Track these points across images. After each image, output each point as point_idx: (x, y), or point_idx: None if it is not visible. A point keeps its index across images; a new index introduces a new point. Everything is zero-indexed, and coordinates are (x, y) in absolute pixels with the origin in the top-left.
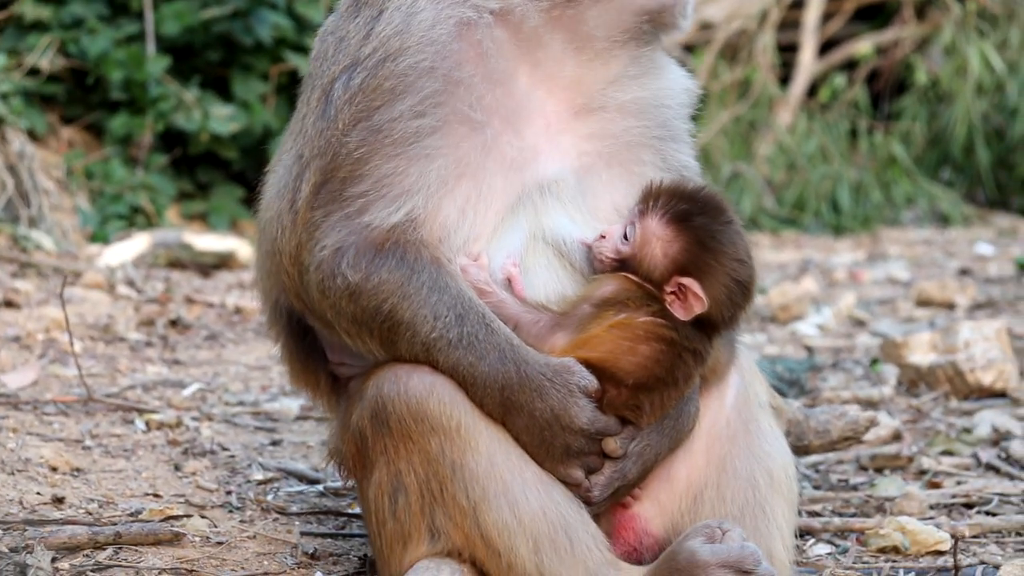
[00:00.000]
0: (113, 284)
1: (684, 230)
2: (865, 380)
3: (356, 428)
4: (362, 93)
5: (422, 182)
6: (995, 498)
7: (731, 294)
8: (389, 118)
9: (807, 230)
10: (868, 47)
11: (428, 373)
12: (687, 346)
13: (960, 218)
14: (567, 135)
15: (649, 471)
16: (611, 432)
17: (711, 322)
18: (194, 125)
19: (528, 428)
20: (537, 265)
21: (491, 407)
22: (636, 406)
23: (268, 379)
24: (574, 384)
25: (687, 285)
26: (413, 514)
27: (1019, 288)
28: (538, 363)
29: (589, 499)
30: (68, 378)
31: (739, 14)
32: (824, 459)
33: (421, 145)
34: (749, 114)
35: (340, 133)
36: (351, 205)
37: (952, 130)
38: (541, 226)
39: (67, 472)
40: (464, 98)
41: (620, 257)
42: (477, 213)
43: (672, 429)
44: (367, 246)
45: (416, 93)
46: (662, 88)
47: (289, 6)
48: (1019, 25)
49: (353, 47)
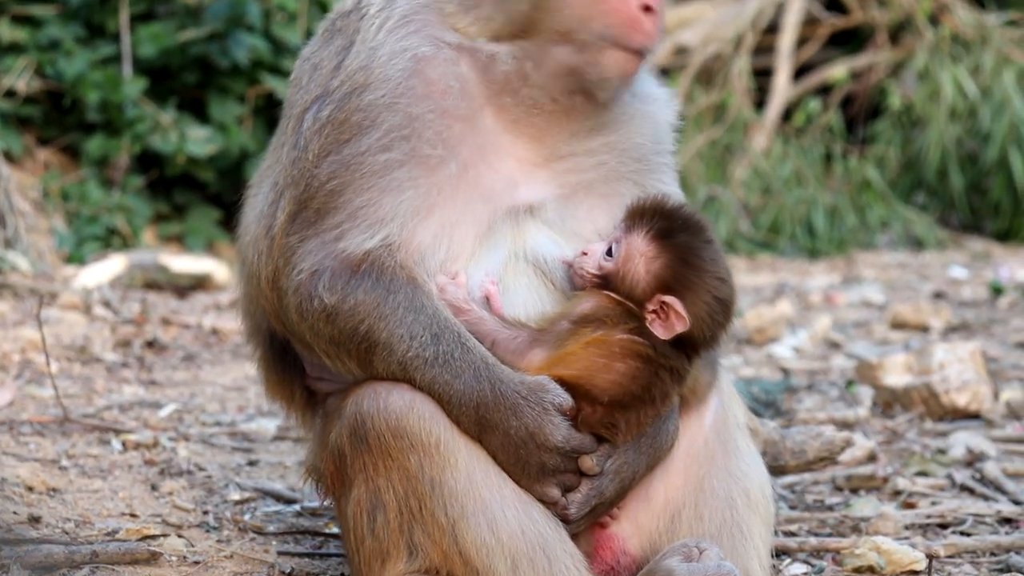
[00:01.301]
0: (89, 305)
1: (667, 247)
2: (840, 402)
3: (335, 445)
4: (330, 126)
5: (396, 211)
6: (970, 518)
7: (712, 312)
8: (357, 152)
9: (782, 253)
10: (842, 72)
11: (408, 390)
12: (664, 364)
13: (934, 242)
14: (542, 170)
15: (627, 490)
16: (586, 450)
17: (691, 341)
18: (171, 147)
19: (504, 446)
20: (518, 284)
21: (467, 425)
22: (612, 424)
23: (245, 400)
24: (548, 402)
25: (669, 303)
26: (392, 531)
27: (993, 311)
28: (513, 381)
29: (566, 517)
30: (44, 399)
31: (714, 38)
32: (800, 479)
33: (391, 177)
34: (725, 138)
35: (311, 165)
36: (327, 233)
37: (926, 154)
38: (522, 245)
39: (43, 492)
40: (425, 133)
41: (602, 273)
42: (453, 237)
43: (650, 447)
44: (343, 268)
45: (380, 127)
46: (633, 130)
47: (266, 29)
48: (992, 50)
49: (324, 77)
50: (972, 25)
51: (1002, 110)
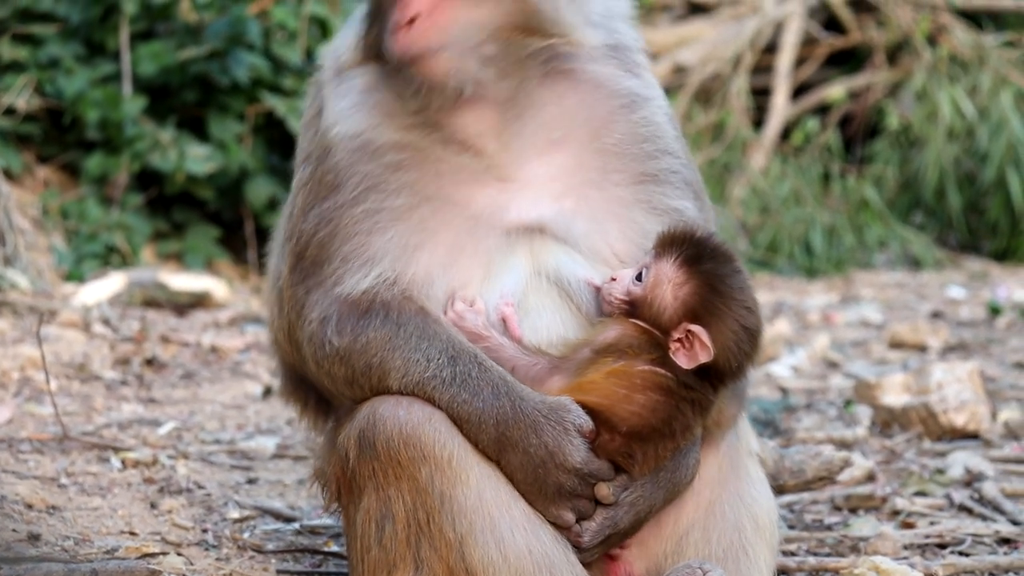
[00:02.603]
0: (88, 323)
1: (695, 274)
2: (839, 421)
3: (342, 447)
4: (311, 183)
5: (384, 250)
6: (968, 538)
7: (739, 342)
8: (335, 206)
9: (781, 272)
10: (840, 92)
11: (428, 405)
12: (686, 396)
13: (932, 261)
14: (531, 188)
15: (642, 523)
16: (604, 476)
17: (718, 371)
18: (170, 165)
19: (523, 465)
20: (542, 306)
21: (486, 443)
22: (629, 454)
23: (244, 418)
24: (569, 422)
25: (695, 332)
26: (399, 542)
27: (990, 331)
28: (534, 400)
29: (579, 544)
30: (44, 416)
31: (713, 58)
32: (799, 499)
33: (371, 222)
34: (723, 157)
35: (299, 220)
36: (326, 281)
37: (924, 174)
38: (543, 265)
39: (43, 510)
40: (384, 185)
41: (631, 299)
42: (454, 265)
43: (668, 481)
44: (349, 311)
45: (347, 184)
46: (599, 113)
47: (266, 47)
48: (989, 71)
49: (308, 140)
50: (970, 46)
51: (999, 130)
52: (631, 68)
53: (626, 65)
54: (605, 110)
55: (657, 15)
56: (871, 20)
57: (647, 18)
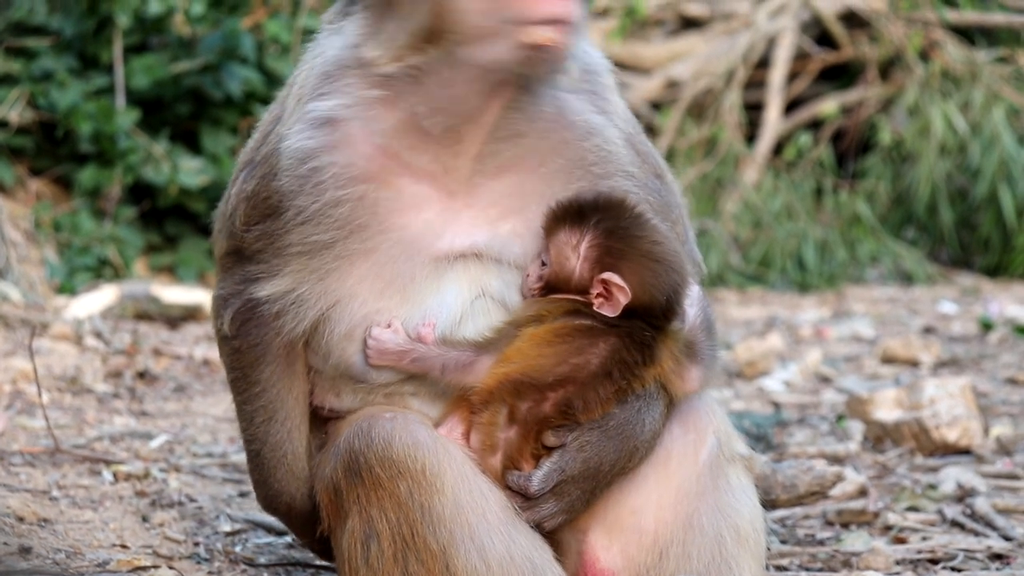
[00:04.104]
0: (80, 336)
1: (588, 229)
2: (831, 436)
3: (330, 480)
4: (254, 199)
5: (307, 271)
6: (960, 554)
7: (654, 273)
8: (274, 229)
9: (773, 287)
10: (833, 107)
11: (387, 420)
12: (614, 333)
13: (924, 277)
14: (468, 212)
15: (597, 477)
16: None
17: (645, 308)
18: (163, 178)
19: None
20: (486, 323)
21: None
22: (567, 405)
23: (236, 431)
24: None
25: (607, 279)
26: (386, 560)
27: (983, 347)
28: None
29: (527, 489)
30: (35, 429)
31: (706, 73)
32: (791, 513)
33: (305, 246)
34: (716, 171)
35: (241, 230)
36: (249, 274)
37: (916, 190)
38: (485, 286)
39: (34, 522)
40: (318, 219)
41: (545, 281)
42: (376, 289)
43: (619, 433)
44: (248, 310)
45: (286, 212)
46: (551, 147)
47: (259, 61)
48: (982, 87)
49: (257, 142)
50: (962, 62)
51: (992, 146)
52: (596, 91)
53: (592, 88)
54: (558, 139)
55: (650, 30)
56: (864, 35)
57: (640, 33)
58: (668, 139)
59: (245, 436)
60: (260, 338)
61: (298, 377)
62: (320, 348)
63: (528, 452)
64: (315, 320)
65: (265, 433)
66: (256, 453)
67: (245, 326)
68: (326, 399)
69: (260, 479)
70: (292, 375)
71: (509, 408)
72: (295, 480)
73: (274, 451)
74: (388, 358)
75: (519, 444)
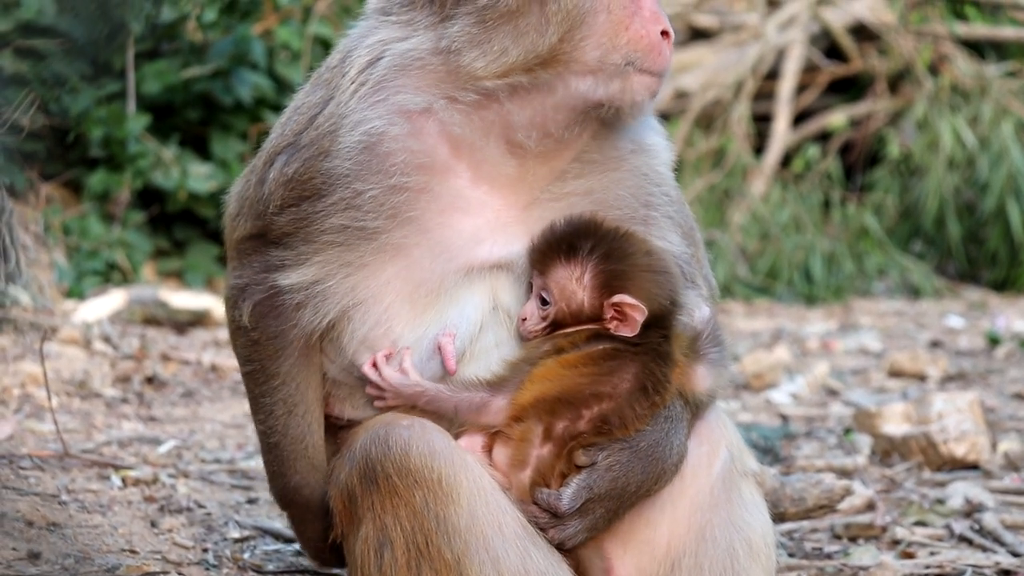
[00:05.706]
0: (89, 340)
1: (585, 258)
2: (839, 449)
3: (345, 486)
4: (295, 182)
5: (337, 264)
6: (968, 569)
7: (658, 285)
8: (314, 211)
9: (780, 299)
10: (842, 119)
11: (404, 428)
12: (640, 350)
13: (931, 290)
14: (516, 225)
15: (623, 497)
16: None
17: (656, 318)
18: (172, 183)
19: None
20: (501, 336)
21: None
22: (603, 421)
23: (244, 437)
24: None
25: (619, 302)
26: (399, 568)
27: (990, 361)
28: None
29: (557, 509)
30: (44, 433)
31: (714, 84)
32: (799, 527)
33: (342, 235)
34: (723, 183)
35: (273, 212)
36: (271, 260)
37: (924, 203)
38: (498, 298)
39: (43, 527)
40: (369, 206)
41: (550, 321)
42: (402, 296)
43: (647, 454)
44: (269, 300)
45: (334, 194)
46: (616, 178)
47: (269, 67)
48: (991, 101)
49: (300, 126)
50: (971, 75)
51: (1000, 160)
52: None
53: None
54: (628, 171)
55: None
56: (873, 48)
57: None
58: (676, 150)
59: (262, 428)
60: (279, 329)
61: (316, 369)
62: (336, 354)
63: (558, 470)
64: (335, 318)
65: (285, 426)
66: (275, 445)
67: (265, 317)
68: (343, 409)
69: (278, 471)
70: (310, 367)
71: (545, 426)
72: (315, 472)
73: (295, 444)
74: (399, 400)
75: (551, 462)
